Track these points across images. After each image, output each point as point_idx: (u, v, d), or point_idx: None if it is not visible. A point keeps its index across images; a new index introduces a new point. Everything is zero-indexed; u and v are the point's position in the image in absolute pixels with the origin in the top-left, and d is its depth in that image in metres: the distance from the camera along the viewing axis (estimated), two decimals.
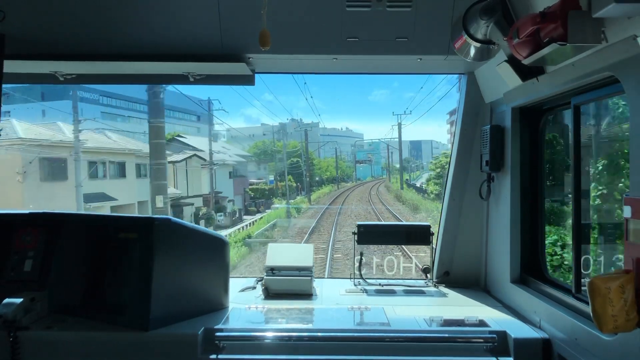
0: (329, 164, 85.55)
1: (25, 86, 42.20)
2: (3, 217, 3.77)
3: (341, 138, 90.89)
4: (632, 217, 2.16)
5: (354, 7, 3.44)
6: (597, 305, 2.10)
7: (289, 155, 64.91)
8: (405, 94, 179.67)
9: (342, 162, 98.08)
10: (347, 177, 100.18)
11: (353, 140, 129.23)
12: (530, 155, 3.63)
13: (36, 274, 3.41)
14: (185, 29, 3.59)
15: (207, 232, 3.69)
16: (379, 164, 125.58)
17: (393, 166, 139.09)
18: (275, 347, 3.09)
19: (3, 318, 2.95)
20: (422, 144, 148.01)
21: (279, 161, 63.86)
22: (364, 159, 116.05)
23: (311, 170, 66.44)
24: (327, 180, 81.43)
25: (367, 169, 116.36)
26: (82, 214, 4.18)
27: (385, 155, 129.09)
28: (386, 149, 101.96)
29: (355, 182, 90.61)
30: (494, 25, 2.81)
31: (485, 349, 3.06)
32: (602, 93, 2.68)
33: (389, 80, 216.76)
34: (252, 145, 78.70)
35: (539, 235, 3.61)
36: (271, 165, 68.95)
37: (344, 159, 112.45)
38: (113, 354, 3.05)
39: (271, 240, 25.56)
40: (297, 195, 59.31)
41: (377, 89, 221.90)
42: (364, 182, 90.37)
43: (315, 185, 72.08)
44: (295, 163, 65.72)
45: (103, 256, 3.45)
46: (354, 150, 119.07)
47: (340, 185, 79.55)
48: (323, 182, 79.61)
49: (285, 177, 54.75)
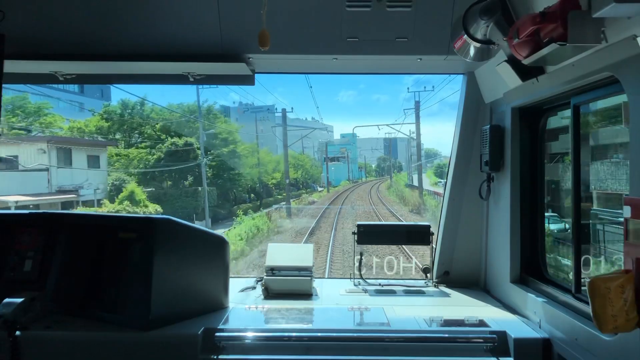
0: (279, 161, 53.52)
1: None
2: (3, 217, 3.77)
3: (307, 130, 65.78)
4: (631, 217, 2.16)
5: (354, 7, 3.44)
6: (597, 305, 2.10)
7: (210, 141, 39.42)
8: (372, 96, 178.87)
9: (304, 157, 72.29)
10: (311, 182, 71.35)
11: (322, 133, 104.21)
12: (530, 155, 3.63)
13: (36, 274, 3.41)
14: (185, 29, 3.59)
15: (207, 231, 3.69)
16: (355, 162, 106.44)
17: (369, 166, 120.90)
18: (275, 347, 3.09)
19: (3, 318, 2.95)
20: (397, 141, 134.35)
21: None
22: (336, 155, 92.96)
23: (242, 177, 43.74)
24: (276, 187, 52.84)
25: (342, 169, 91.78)
26: (82, 213, 4.18)
27: (361, 153, 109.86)
28: (359, 144, 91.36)
29: (323, 191, 64.08)
30: (493, 25, 2.81)
31: (485, 349, 3.06)
32: (602, 93, 2.68)
33: (355, 81, 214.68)
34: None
35: (539, 235, 3.61)
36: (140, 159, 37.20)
37: (310, 155, 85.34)
38: (113, 354, 3.05)
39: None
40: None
41: (345, 89, 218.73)
42: (337, 190, 62.72)
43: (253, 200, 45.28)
44: (215, 159, 40.14)
45: (103, 256, 3.45)
46: (325, 145, 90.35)
47: (299, 197, 51.60)
48: (267, 192, 50.41)
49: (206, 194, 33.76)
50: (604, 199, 4.43)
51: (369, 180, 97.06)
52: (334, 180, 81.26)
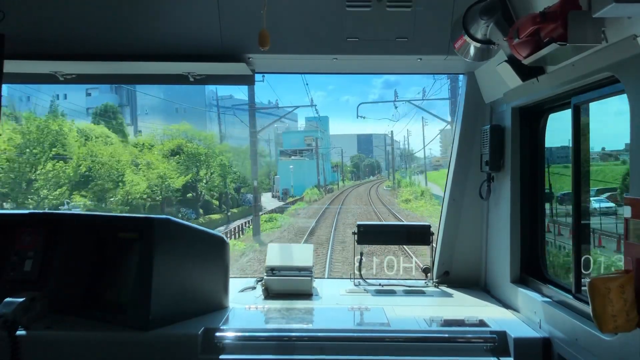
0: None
1: None
2: (3, 217, 3.77)
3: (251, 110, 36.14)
4: (632, 217, 2.16)
5: (354, 7, 3.44)
6: (597, 305, 2.10)
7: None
8: (341, 97, 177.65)
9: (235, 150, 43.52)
10: (245, 193, 41.57)
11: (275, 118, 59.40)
12: (530, 155, 3.63)
13: (36, 274, 3.41)
14: (185, 29, 3.59)
15: (207, 231, 3.69)
16: (328, 158, 73.98)
17: (345, 166, 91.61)
18: (275, 347, 3.09)
19: (3, 318, 2.95)
20: (373, 137, 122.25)
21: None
22: (299, 147, 63.83)
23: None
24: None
25: (307, 169, 57.99)
26: (82, 213, 4.18)
27: (338, 147, 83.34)
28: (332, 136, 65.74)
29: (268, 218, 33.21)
30: (494, 25, 2.81)
31: (486, 349, 3.06)
32: (602, 93, 2.68)
33: (324, 82, 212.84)
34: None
35: (539, 235, 3.61)
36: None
37: (261, 151, 54.51)
38: (113, 354, 3.05)
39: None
40: None
41: (314, 90, 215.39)
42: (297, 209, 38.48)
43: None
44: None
45: (103, 256, 3.45)
46: (279, 134, 64.88)
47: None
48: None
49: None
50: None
51: (348, 186, 69.49)
52: (293, 187, 52.38)
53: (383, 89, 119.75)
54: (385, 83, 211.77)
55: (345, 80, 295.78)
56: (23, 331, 3.00)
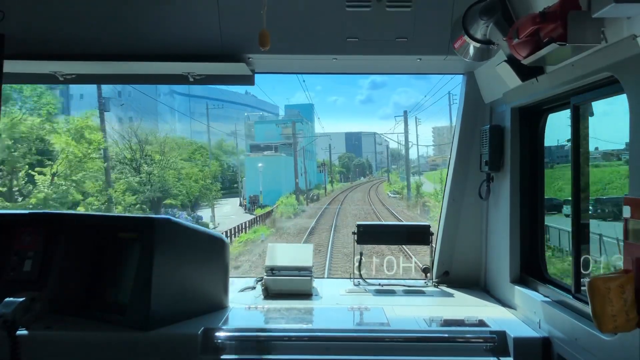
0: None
1: None
2: (3, 217, 3.77)
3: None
4: (631, 217, 2.16)
5: (354, 7, 3.44)
6: (597, 305, 2.10)
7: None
8: (329, 98, 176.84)
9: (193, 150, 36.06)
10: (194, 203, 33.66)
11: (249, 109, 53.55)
12: (530, 155, 3.63)
13: (36, 274, 3.40)
14: (185, 29, 3.59)
15: (207, 232, 3.70)
16: (313, 156, 60.30)
17: (333, 166, 71.21)
18: (275, 347, 3.09)
19: (3, 318, 2.95)
20: (362, 136, 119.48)
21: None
22: (271, 142, 49.77)
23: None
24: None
25: (284, 169, 44.88)
26: (82, 214, 4.18)
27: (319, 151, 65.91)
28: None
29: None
30: (493, 25, 2.81)
31: (485, 348, 3.06)
32: (601, 93, 2.68)
33: (312, 83, 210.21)
34: None
35: (539, 235, 3.61)
36: None
37: (222, 147, 47.68)
38: (113, 354, 3.05)
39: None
40: None
41: (302, 91, 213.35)
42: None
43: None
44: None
45: (103, 256, 3.45)
46: (250, 123, 51.56)
47: None
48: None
49: None
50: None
51: (338, 190, 55.40)
52: (263, 193, 40.02)
53: (370, 89, 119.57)
54: (372, 84, 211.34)
55: (332, 82, 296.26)
56: (23, 331, 3.00)
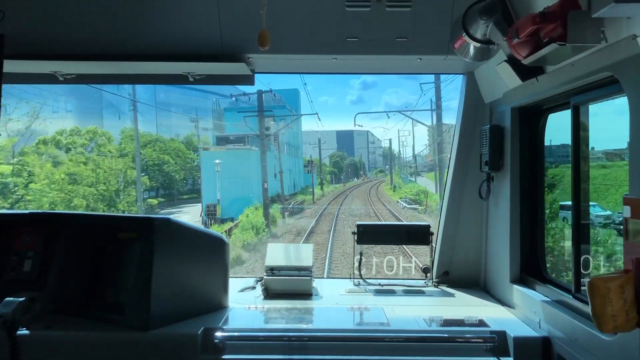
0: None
1: None
2: (3, 217, 3.77)
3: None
4: (631, 217, 2.16)
5: (354, 7, 3.44)
6: (597, 305, 2.10)
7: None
8: (320, 98, 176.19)
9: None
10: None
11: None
12: (529, 155, 3.63)
13: (36, 274, 3.40)
14: (185, 29, 3.59)
15: (207, 232, 3.70)
16: (300, 154, 53.73)
17: (324, 165, 62.49)
18: (275, 347, 3.09)
19: (3, 318, 2.95)
20: (354, 134, 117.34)
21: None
22: (239, 134, 39.88)
23: None
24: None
25: (256, 164, 33.26)
26: (82, 213, 4.18)
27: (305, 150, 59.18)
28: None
29: None
30: (493, 25, 2.81)
31: (485, 348, 3.06)
32: (601, 93, 2.68)
33: (302, 83, 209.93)
34: None
35: (539, 235, 3.61)
36: None
37: (193, 142, 41.46)
38: (113, 354, 3.05)
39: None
40: None
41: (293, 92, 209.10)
42: None
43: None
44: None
45: (103, 256, 3.45)
46: (221, 111, 42.81)
47: None
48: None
49: None
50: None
51: (329, 194, 46.90)
52: (224, 200, 31.91)
53: (361, 89, 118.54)
54: (363, 84, 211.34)
55: (323, 82, 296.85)
56: (23, 331, 3.00)
